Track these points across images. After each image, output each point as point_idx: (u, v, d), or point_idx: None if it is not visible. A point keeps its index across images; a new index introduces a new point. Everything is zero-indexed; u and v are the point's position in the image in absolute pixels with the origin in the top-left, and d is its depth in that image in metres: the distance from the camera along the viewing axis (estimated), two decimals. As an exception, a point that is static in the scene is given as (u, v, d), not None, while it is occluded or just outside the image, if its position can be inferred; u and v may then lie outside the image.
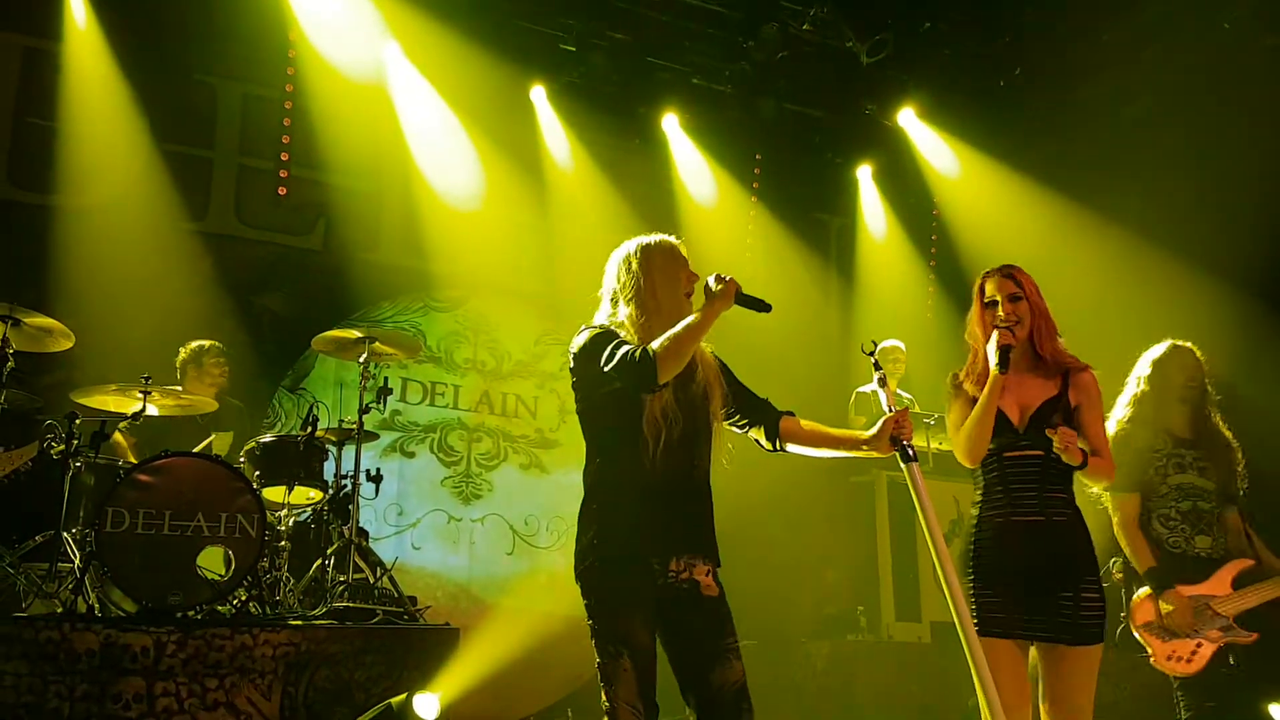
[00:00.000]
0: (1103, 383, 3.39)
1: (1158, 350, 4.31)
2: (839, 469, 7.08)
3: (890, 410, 3.03)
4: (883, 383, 3.13)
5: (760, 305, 2.99)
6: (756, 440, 3.16)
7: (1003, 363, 3.22)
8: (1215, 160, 6.73)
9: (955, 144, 8.12)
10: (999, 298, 3.33)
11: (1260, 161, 6.26)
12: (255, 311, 7.07)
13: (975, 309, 3.41)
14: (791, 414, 3.15)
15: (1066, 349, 3.37)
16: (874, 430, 3.02)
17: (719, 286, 2.92)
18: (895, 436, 2.97)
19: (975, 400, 3.29)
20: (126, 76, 6.64)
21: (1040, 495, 3.22)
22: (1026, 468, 3.25)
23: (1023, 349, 3.32)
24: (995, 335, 3.26)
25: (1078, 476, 3.27)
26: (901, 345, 7.11)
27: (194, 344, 5.89)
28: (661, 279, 3.02)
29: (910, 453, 2.99)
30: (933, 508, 3.00)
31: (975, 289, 3.43)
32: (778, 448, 3.14)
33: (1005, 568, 3.19)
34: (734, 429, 3.17)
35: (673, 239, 3.12)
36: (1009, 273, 3.37)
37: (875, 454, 3.04)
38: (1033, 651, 3.23)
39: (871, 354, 3.15)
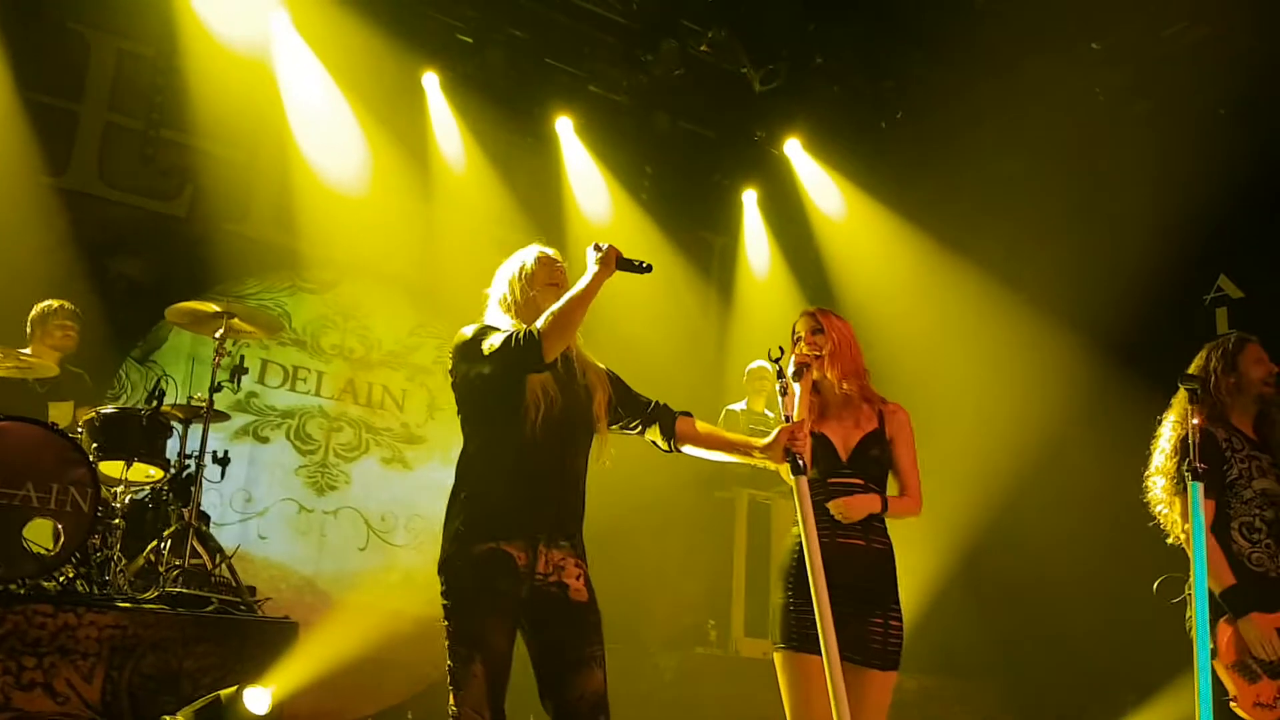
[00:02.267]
0: (947, 419, 3.54)
1: (1227, 343, 3.81)
2: (703, 483, 7.16)
3: (788, 420, 3.07)
4: (783, 392, 3.18)
5: (642, 267, 2.96)
6: (653, 441, 3.17)
7: (796, 374, 3.34)
8: (1081, 219, 7.11)
9: (836, 177, 8.36)
10: (803, 334, 3.53)
11: (1123, 224, 6.63)
12: (110, 276, 6.71)
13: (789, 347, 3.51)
14: (689, 415, 3.18)
15: (874, 389, 3.57)
16: (769, 439, 3.06)
17: (599, 255, 2.90)
18: (788, 448, 3.00)
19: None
20: (-6, 17, 6.26)
21: (864, 521, 3.35)
22: (850, 494, 3.37)
23: (829, 384, 3.48)
24: (794, 356, 3.41)
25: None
26: (769, 367, 7.25)
27: (42, 304, 5.55)
28: (541, 287, 3.01)
29: (800, 464, 3.01)
30: (814, 523, 3.02)
31: (790, 330, 3.58)
32: (673, 448, 3.15)
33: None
34: (627, 432, 3.16)
35: (551, 252, 3.12)
36: (812, 313, 3.59)
37: (767, 462, 3.07)
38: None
39: (776, 360, 3.20)
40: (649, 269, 2.97)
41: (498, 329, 2.91)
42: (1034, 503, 6.81)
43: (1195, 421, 3.34)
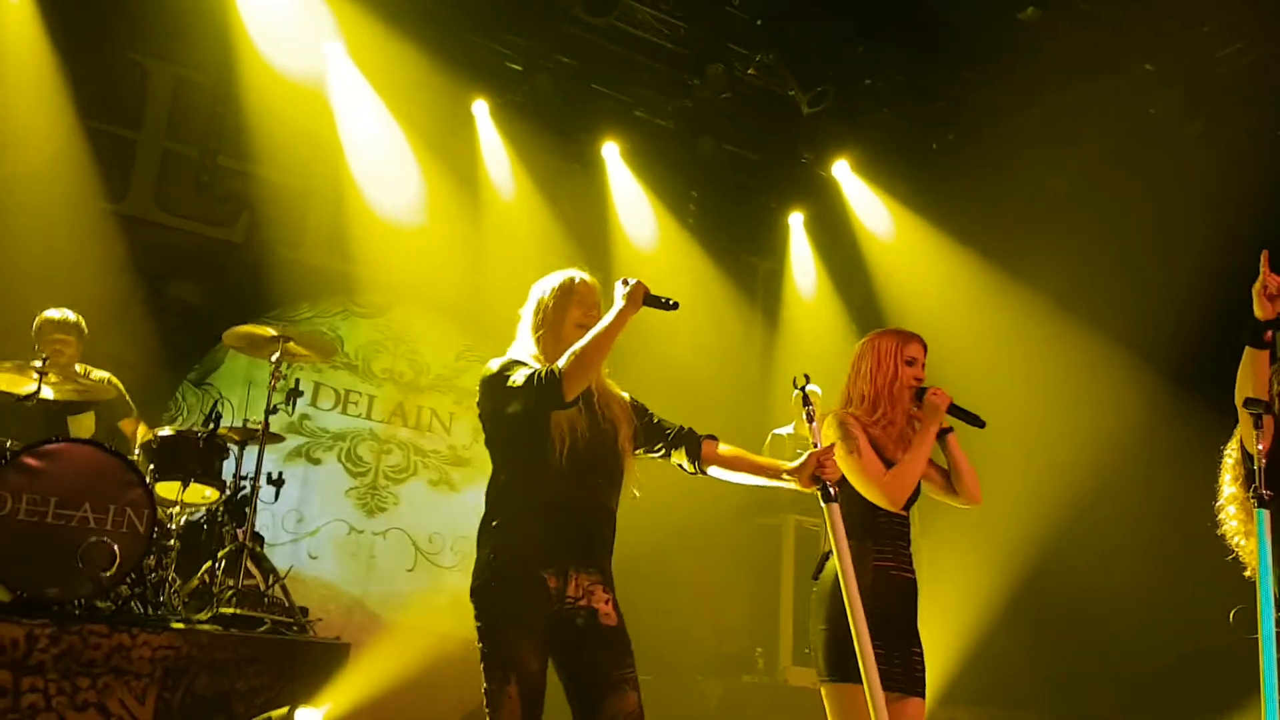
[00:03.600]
0: (999, 444, 3.50)
1: None
2: (748, 509, 7.12)
3: (817, 446, 3.04)
4: (811, 419, 3.14)
5: (668, 305, 2.94)
6: (679, 464, 3.15)
7: (971, 417, 3.35)
8: (1133, 239, 6.99)
9: (885, 199, 8.30)
10: (920, 359, 3.45)
11: (1175, 244, 6.52)
12: (167, 301, 6.86)
13: (894, 363, 3.44)
14: (714, 438, 3.16)
15: None
16: (798, 463, 3.02)
17: (626, 290, 2.88)
18: (816, 475, 2.96)
19: (874, 444, 3.33)
20: (56, 47, 6.43)
21: (909, 553, 3.34)
22: (905, 526, 3.35)
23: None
24: (930, 394, 3.35)
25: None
26: (819, 391, 7.19)
27: (42, 315, 5.27)
28: (570, 318, 3.01)
29: (830, 493, 2.97)
30: (849, 551, 2.97)
31: (893, 345, 3.47)
32: (699, 470, 3.13)
33: (877, 617, 3.11)
34: (654, 456, 3.16)
35: (587, 278, 3.10)
36: (923, 342, 3.52)
37: (796, 486, 3.03)
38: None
39: (802, 389, 3.16)
40: (676, 306, 2.95)
41: (522, 363, 2.92)
42: (1090, 530, 6.67)
43: (1261, 447, 3.25)
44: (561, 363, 2.80)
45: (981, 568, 6.79)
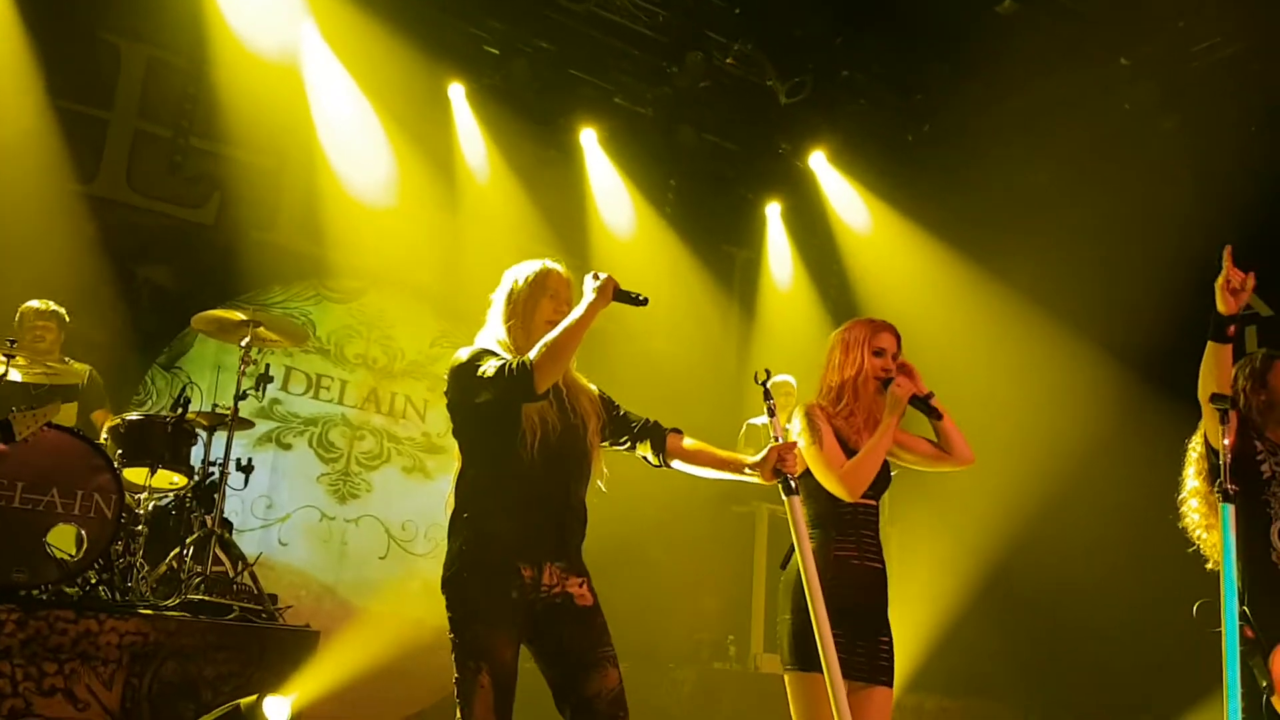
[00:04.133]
0: (972, 437, 3.49)
1: (1255, 360, 3.73)
2: (722, 498, 7.13)
3: (778, 440, 3.05)
4: (772, 413, 3.15)
5: (637, 300, 2.95)
6: (644, 457, 3.16)
7: (931, 409, 3.31)
8: (1109, 232, 7.04)
9: (861, 191, 8.32)
10: (890, 349, 3.42)
11: (1149, 239, 6.56)
12: (137, 283, 6.77)
13: (860, 354, 3.41)
14: (679, 431, 3.16)
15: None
16: (759, 456, 3.03)
17: (596, 284, 2.88)
18: (778, 468, 2.98)
19: (838, 435, 3.31)
20: (27, 25, 6.32)
21: (876, 542, 3.32)
22: (871, 516, 3.34)
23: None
24: (896, 383, 3.32)
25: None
26: (793, 381, 7.20)
27: (24, 305, 5.41)
28: (540, 307, 3.01)
29: (791, 485, 3.00)
30: (809, 543, 3.00)
31: (862, 336, 3.44)
32: (664, 463, 3.14)
33: (842, 608, 3.12)
34: (619, 448, 3.17)
35: (561, 271, 3.09)
36: (895, 332, 3.48)
37: (758, 480, 3.04)
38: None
39: (764, 383, 3.16)
40: (645, 302, 2.96)
41: (493, 354, 2.92)
42: (1061, 521, 6.73)
43: (1226, 441, 3.27)
44: (533, 355, 2.79)
45: (953, 557, 6.84)
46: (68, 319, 5.49)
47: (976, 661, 6.99)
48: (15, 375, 4.78)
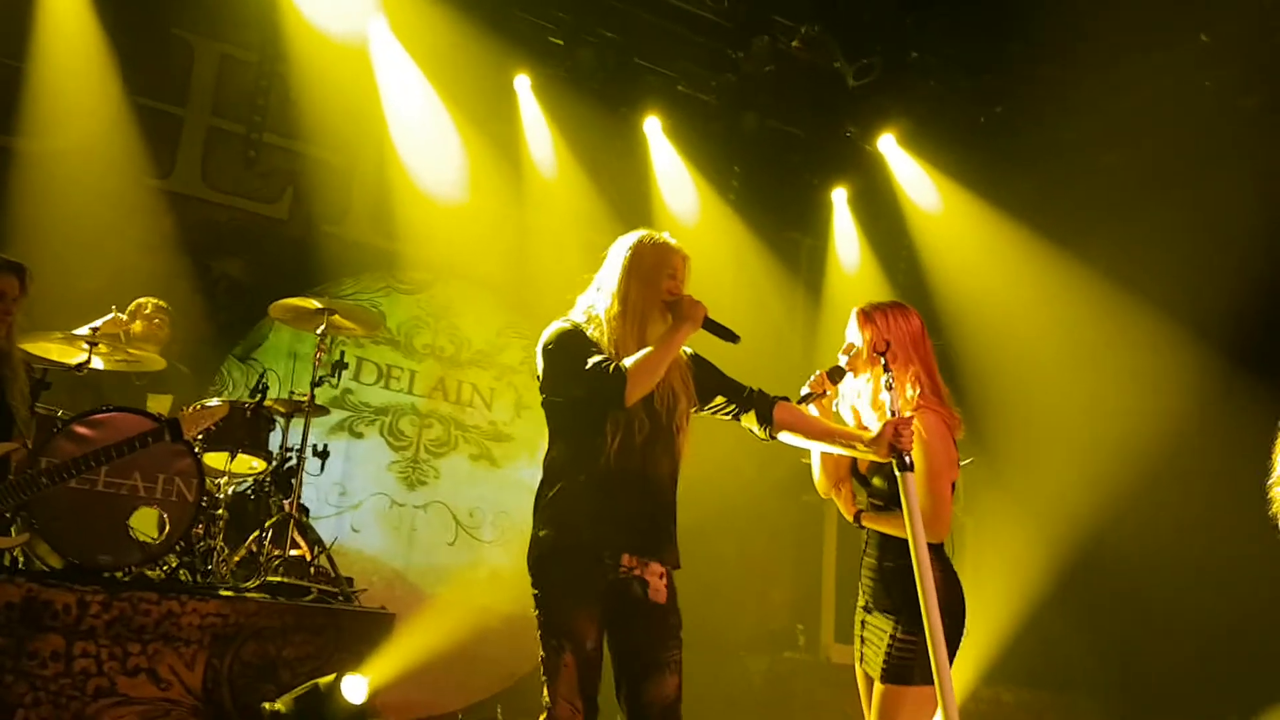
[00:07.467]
0: (1052, 424, 3.38)
1: None
2: (791, 487, 7.07)
3: (893, 414, 2.96)
4: (890, 386, 3.04)
5: (728, 334, 2.98)
6: (750, 428, 3.11)
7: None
8: (1186, 213, 6.83)
9: (932, 174, 8.15)
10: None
11: (1231, 218, 6.36)
12: (212, 276, 6.91)
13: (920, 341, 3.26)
14: (786, 399, 3.11)
15: None
16: (875, 433, 2.96)
17: (691, 310, 2.91)
18: (893, 444, 2.90)
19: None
20: (103, 23, 6.47)
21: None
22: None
23: None
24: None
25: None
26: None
27: (135, 301, 5.70)
28: (645, 279, 2.96)
29: (907, 461, 2.89)
30: (922, 525, 2.86)
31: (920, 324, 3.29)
32: (771, 435, 3.09)
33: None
34: (724, 417, 3.12)
35: (672, 242, 3.05)
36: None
37: (871, 456, 2.98)
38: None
39: (883, 354, 3.07)
40: (735, 339, 2.99)
41: (591, 347, 2.88)
42: (1144, 512, 6.55)
43: None
44: (629, 363, 2.79)
45: (1030, 547, 6.68)
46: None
47: (1056, 653, 6.84)
48: (98, 363, 4.89)
